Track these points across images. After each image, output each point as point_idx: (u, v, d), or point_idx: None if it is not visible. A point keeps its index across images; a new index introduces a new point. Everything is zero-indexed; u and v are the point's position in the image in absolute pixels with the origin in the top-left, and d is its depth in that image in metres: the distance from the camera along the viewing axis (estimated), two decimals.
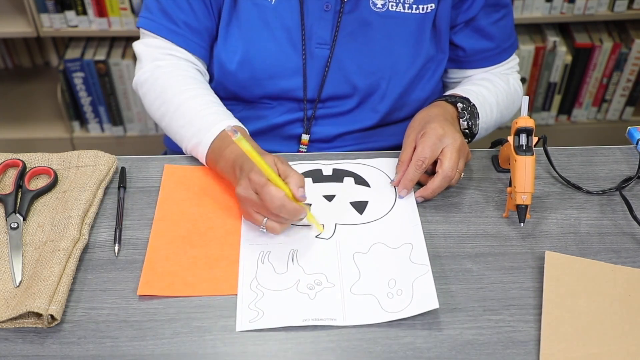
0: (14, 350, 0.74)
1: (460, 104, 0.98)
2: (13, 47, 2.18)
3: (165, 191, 0.93)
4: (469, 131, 0.99)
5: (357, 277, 0.81)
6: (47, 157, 0.97)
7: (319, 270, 0.82)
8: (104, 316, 0.77)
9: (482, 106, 1.02)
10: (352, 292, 0.79)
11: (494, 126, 1.09)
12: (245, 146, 0.78)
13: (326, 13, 1.00)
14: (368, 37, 1.01)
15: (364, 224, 0.88)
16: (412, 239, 0.85)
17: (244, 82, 1.04)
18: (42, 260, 0.81)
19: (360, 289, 0.80)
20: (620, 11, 1.89)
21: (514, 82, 1.13)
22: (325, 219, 0.88)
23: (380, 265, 0.82)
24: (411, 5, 1.00)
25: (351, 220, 0.88)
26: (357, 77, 1.03)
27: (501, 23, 1.06)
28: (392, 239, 0.86)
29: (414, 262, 0.82)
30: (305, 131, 1.07)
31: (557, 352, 0.73)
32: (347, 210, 0.90)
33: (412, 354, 0.74)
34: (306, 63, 1.02)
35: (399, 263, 0.82)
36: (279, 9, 1.00)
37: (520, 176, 0.84)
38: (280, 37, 1.01)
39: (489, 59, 1.09)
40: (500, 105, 1.07)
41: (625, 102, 2.11)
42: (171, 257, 0.84)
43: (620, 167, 0.98)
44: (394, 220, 0.88)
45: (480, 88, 1.06)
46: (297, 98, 1.05)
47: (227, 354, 0.74)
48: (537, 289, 0.81)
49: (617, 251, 0.85)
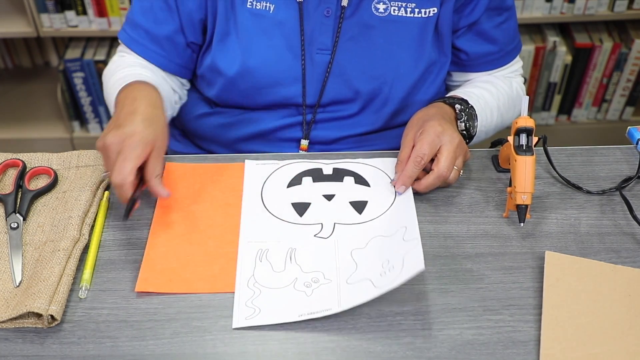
0: (14, 350, 0.74)
1: (459, 106, 0.98)
2: (13, 47, 2.18)
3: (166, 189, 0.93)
4: (466, 133, 0.98)
5: (354, 269, 0.81)
6: (47, 157, 0.97)
7: (317, 268, 0.82)
8: (104, 316, 0.77)
9: (482, 109, 1.02)
10: (347, 283, 0.80)
11: (494, 129, 1.08)
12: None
13: (327, 19, 1.00)
14: (370, 42, 1.01)
15: (362, 223, 0.88)
16: (406, 222, 0.86)
17: (245, 92, 1.04)
18: (42, 260, 0.81)
19: (356, 278, 0.80)
20: (620, 11, 1.89)
21: (517, 86, 1.12)
22: (325, 219, 0.88)
23: (376, 253, 0.83)
24: (413, 9, 0.99)
25: (350, 219, 0.88)
26: (360, 82, 1.03)
27: (504, 26, 1.06)
28: (388, 228, 0.86)
29: (406, 240, 0.82)
30: (304, 136, 1.07)
31: (557, 352, 0.73)
32: (346, 210, 0.90)
33: (412, 354, 0.74)
34: (305, 69, 1.02)
35: (393, 245, 0.83)
36: (278, 17, 1.00)
37: (520, 176, 0.84)
38: (279, 45, 1.01)
39: (492, 62, 1.09)
40: (501, 108, 1.07)
41: (625, 102, 2.11)
42: (170, 254, 0.84)
43: (620, 167, 0.98)
44: (391, 217, 0.89)
45: (481, 91, 1.06)
46: (297, 104, 1.05)
47: (227, 354, 0.74)
48: (537, 289, 0.81)
49: (617, 251, 0.85)
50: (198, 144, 1.15)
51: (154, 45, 1.03)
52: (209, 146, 1.13)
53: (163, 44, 1.03)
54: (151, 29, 1.03)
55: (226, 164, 0.97)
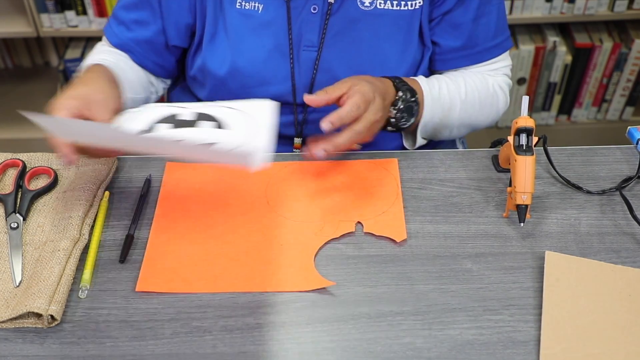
0: (14, 350, 0.74)
1: (401, 94, 0.94)
2: (13, 47, 2.18)
3: (167, 188, 0.93)
4: (395, 120, 0.95)
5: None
6: (47, 157, 0.97)
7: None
8: (104, 316, 0.77)
9: (437, 98, 0.99)
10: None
11: (459, 126, 1.05)
12: None
13: (314, 15, 1.00)
14: (355, 37, 1.01)
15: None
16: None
17: (235, 91, 1.04)
18: (42, 260, 0.81)
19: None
20: (620, 11, 1.89)
21: (493, 83, 1.08)
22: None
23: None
24: (400, 2, 0.99)
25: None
26: (346, 77, 1.02)
27: (483, 20, 1.03)
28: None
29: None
30: (297, 134, 1.07)
31: (557, 352, 0.73)
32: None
33: (412, 354, 0.74)
34: (294, 67, 1.02)
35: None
36: (267, 17, 1.00)
37: (520, 176, 0.84)
38: (268, 44, 1.01)
39: (466, 57, 1.06)
40: (467, 101, 1.03)
41: (625, 102, 2.11)
42: (170, 254, 0.84)
43: (620, 167, 0.98)
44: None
45: (445, 79, 1.03)
46: (288, 102, 1.05)
47: (227, 354, 0.74)
48: (537, 289, 0.81)
49: (617, 251, 0.85)
50: None
51: (133, 44, 1.06)
52: None
53: (142, 44, 1.06)
54: (132, 27, 1.05)
55: (226, 165, 0.97)
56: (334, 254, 0.85)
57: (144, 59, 1.07)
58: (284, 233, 0.87)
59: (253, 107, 0.87)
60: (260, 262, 0.83)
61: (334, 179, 0.95)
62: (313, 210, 0.90)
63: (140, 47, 1.06)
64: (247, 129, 0.83)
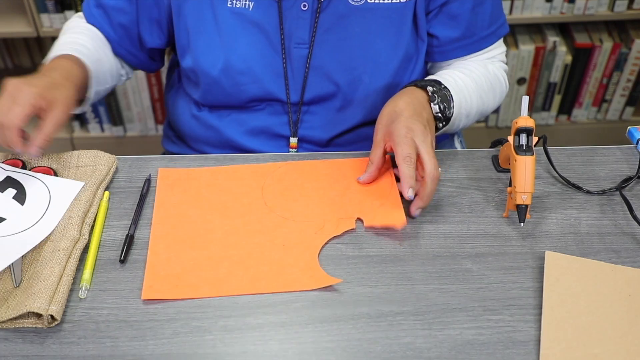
0: (14, 350, 0.74)
1: (431, 88, 0.95)
2: (13, 47, 2.18)
3: (161, 195, 0.92)
4: (441, 115, 0.95)
5: None
6: (47, 157, 0.97)
7: None
8: (104, 316, 0.77)
9: (459, 90, 0.99)
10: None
11: (476, 113, 1.05)
12: None
13: (304, 12, 1.00)
14: (346, 33, 1.01)
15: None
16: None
17: (228, 89, 1.04)
18: (42, 260, 0.81)
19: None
20: (620, 11, 1.89)
21: (494, 69, 1.09)
22: None
23: None
24: None
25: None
26: (338, 74, 1.02)
27: (478, 9, 1.03)
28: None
29: None
30: (292, 134, 1.07)
31: (557, 352, 0.73)
32: None
33: (412, 354, 0.74)
34: (286, 65, 1.02)
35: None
36: (258, 15, 1.00)
37: (520, 176, 0.84)
38: (260, 42, 1.01)
39: (464, 47, 1.06)
40: (480, 90, 1.04)
41: (625, 102, 2.12)
42: (172, 260, 0.84)
43: (620, 167, 0.98)
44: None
45: (456, 72, 1.03)
46: (282, 100, 1.05)
47: (227, 354, 0.74)
48: (537, 289, 0.81)
49: (617, 251, 0.85)
50: (191, 145, 1.15)
51: (110, 28, 1.07)
52: (201, 147, 1.13)
53: (117, 29, 1.07)
54: (110, 12, 1.06)
55: (220, 167, 0.97)
56: (334, 254, 0.85)
57: (118, 47, 1.09)
58: (285, 233, 0.87)
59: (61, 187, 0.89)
60: (264, 264, 0.83)
61: (330, 178, 0.95)
62: (312, 209, 0.90)
63: (116, 33, 1.08)
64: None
